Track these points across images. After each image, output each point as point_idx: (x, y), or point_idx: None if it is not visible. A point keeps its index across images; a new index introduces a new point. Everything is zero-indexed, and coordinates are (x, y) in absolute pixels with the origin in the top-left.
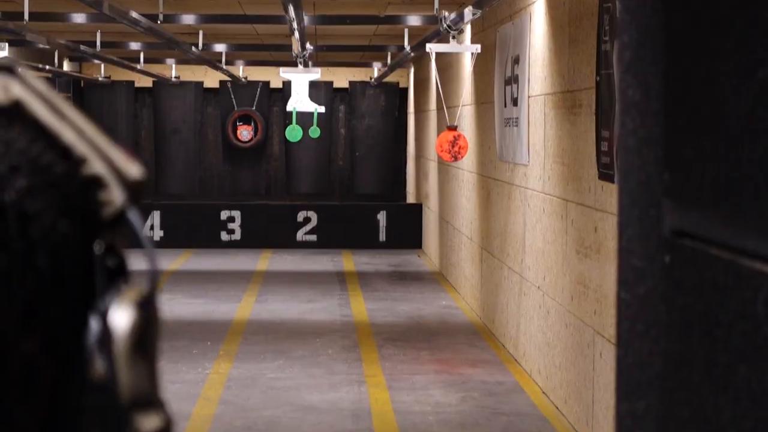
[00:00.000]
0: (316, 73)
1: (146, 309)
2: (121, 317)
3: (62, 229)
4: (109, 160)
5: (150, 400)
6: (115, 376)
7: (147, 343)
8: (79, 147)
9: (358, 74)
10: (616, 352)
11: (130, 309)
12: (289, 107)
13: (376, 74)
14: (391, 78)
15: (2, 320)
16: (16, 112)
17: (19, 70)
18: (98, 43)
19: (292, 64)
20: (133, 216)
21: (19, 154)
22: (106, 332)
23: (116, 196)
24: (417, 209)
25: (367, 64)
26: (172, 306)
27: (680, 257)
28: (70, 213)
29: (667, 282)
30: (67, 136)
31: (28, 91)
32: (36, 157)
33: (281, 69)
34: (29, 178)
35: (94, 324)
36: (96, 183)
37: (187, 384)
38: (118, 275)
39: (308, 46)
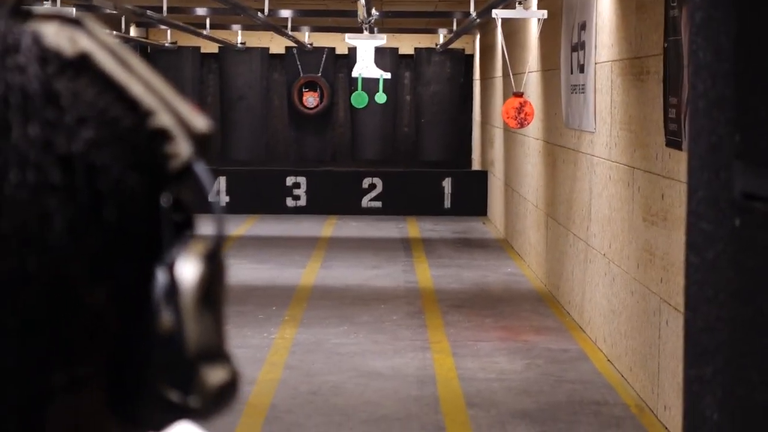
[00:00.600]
0: (382, 39)
1: (213, 262)
2: (188, 270)
3: (130, 183)
4: (176, 113)
5: (216, 353)
6: (181, 329)
7: (213, 296)
8: (147, 100)
9: (423, 41)
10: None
11: (197, 262)
12: (355, 73)
13: (441, 41)
14: (456, 45)
15: (70, 271)
16: (83, 64)
17: (87, 22)
18: (164, 8)
19: (358, 30)
20: (200, 169)
21: (86, 107)
22: (172, 285)
23: (183, 149)
24: (482, 176)
25: (433, 31)
26: (238, 271)
27: (750, 220)
28: (137, 166)
29: (736, 245)
30: (135, 89)
31: (96, 43)
32: (103, 110)
33: (347, 35)
34: (97, 130)
35: (160, 276)
36: (163, 136)
37: (253, 349)
38: (185, 228)
39: (374, 12)
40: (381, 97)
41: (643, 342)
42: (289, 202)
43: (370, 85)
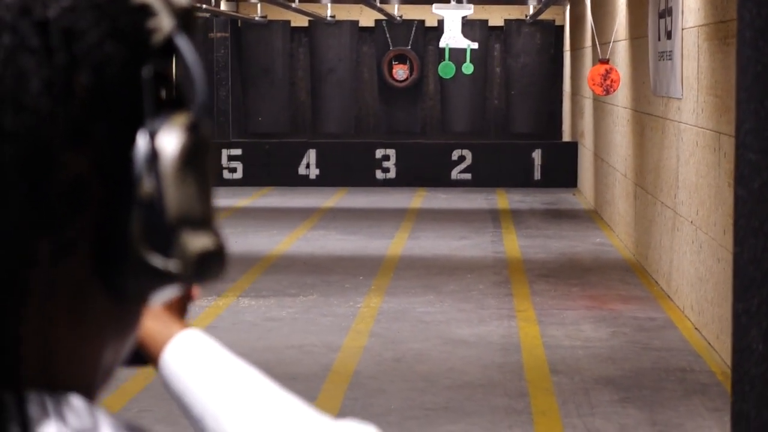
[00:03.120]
0: (469, 9)
1: (195, 132)
2: (169, 138)
3: (107, 50)
4: None
5: (200, 221)
6: (162, 195)
7: (196, 165)
8: None
9: (513, 12)
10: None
11: (179, 131)
12: (442, 44)
13: (531, 11)
14: (547, 16)
15: (47, 132)
16: None
17: None
18: None
19: (446, 0)
20: (182, 42)
21: None
22: (153, 152)
23: (165, 23)
24: (572, 147)
25: (523, 2)
26: (326, 242)
27: None
28: (115, 35)
29: None
30: None
31: None
32: None
33: (434, 5)
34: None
35: (142, 145)
36: (145, 10)
37: (339, 317)
38: (170, 101)
39: None
40: (468, 68)
41: (730, 310)
42: (379, 174)
43: (457, 55)
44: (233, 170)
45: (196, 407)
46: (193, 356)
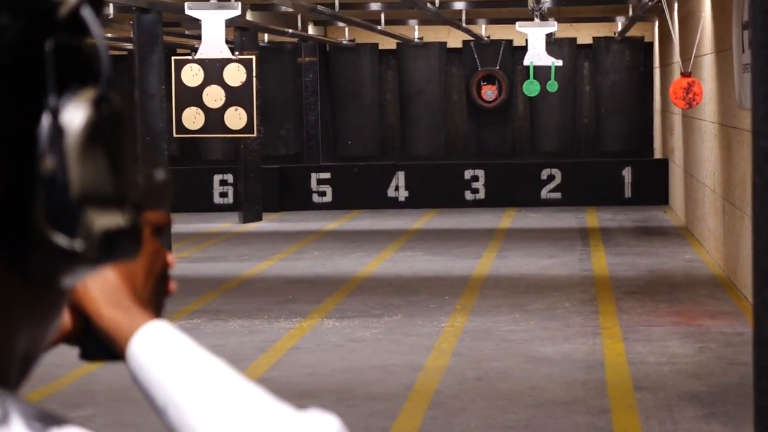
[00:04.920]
0: (553, 26)
1: (102, 106)
2: (72, 114)
3: (2, 21)
4: None
5: (109, 199)
6: (65, 171)
7: (105, 140)
8: None
9: (601, 29)
10: (752, 242)
11: (83, 106)
12: (526, 61)
13: (619, 28)
14: (636, 32)
15: None
16: None
17: None
18: (336, 4)
19: (531, 19)
20: (87, 14)
21: None
22: (56, 128)
23: None
24: (663, 164)
25: (611, 19)
26: (413, 263)
27: None
28: (11, 6)
29: None
30: None
31: None
32: None
33: (518, 23)
34: None
35: (45, 120)
36: None
37: (422, 337)
38: (77, 75)
39: None
40: (552, 86)
41: None
42: (468, 195)
43: (542, 73)
44: (323, 194)
45: (160, 398)
46: (159, 348)
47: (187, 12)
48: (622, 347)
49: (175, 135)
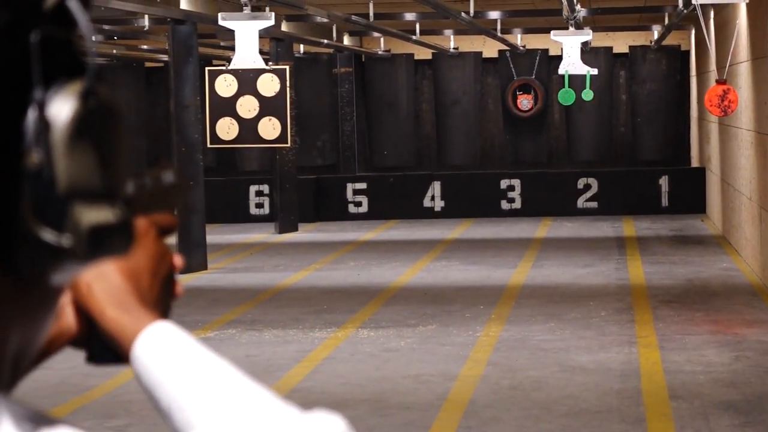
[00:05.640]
0: (588, 35)
1: (89, 99)
2: (59, 107)
3: None
4: None
5: (98, 193)
6: (52, 166)
7: (94, 134)
8: None
9: (637, 38)
10: None
11: (70, 99)
12: (561, 70)
13: (656, 37)
14: (672, 41)
15: None
16: None
17: None
18: (371, 14)
19: (565, 28)
20: (74, 5)
21: None
22: (42, 121)
23: None
24: (700, 173)
25: (647, 28)
26: (448, 273)
27: None
28: None
29: None
30: None
31: None
32: None
33: (552, 32)
34: None
35: (30, 114)
36: None
37: (457, 347)
38: (64, 68)
39: (578, 7)
40: (588, 94)
41: None
42: (504, 204)
43: (577, 82)
44: (358, 204)
45: (164, 399)
46: (163, 349)
47: (221, 23)
48: (658, 356)
49: (208, 145)
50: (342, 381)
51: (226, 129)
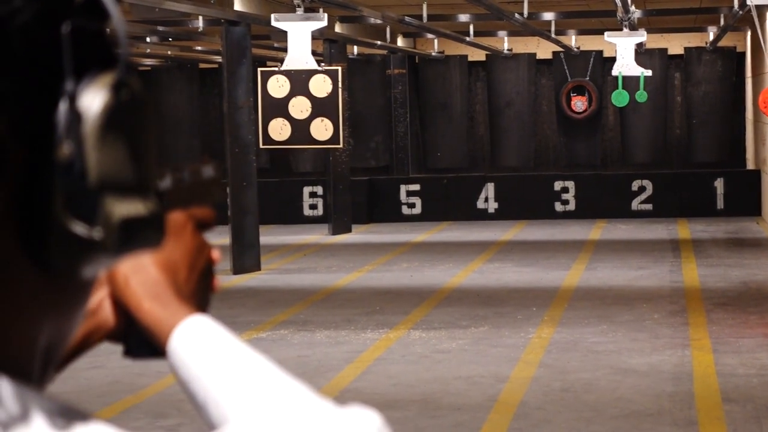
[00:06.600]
0: (642, 36)
1: (120, 91)
2: (90, 99)
3: (15, 4)
4: None
5: (130, 186)
6: (83, 158)
7: (126, 126)
8: None
9: (693, 40)
10: None
11: (101, 91)
12: (615, 71)
13: (711, 38)
14: (728, 42)
15: None
16: None
17: None
18: (425, 16)
19: (619, 28)
20: None
21: None
22: (73, 114)
23: None
24: (755, 175)
25: (702, 29)
26: (501, 275)
27: None
28: None
29: None
30: None
31: None
32: None
33: (606, 33)
34: None
35: (62, 106)
36: None
37: (509, 348)
38: (96, 60)
39: (632, 8)
40: (642, 96)
41: None
42: (558, 206)
43: (631, 83)
44: (412, 205)
45: (200, 394)
46: (199, 343)
47: (274, 24)
48: (711, 359)
49: (261, 146)
50: (393, 382)
51: (279, 130)
